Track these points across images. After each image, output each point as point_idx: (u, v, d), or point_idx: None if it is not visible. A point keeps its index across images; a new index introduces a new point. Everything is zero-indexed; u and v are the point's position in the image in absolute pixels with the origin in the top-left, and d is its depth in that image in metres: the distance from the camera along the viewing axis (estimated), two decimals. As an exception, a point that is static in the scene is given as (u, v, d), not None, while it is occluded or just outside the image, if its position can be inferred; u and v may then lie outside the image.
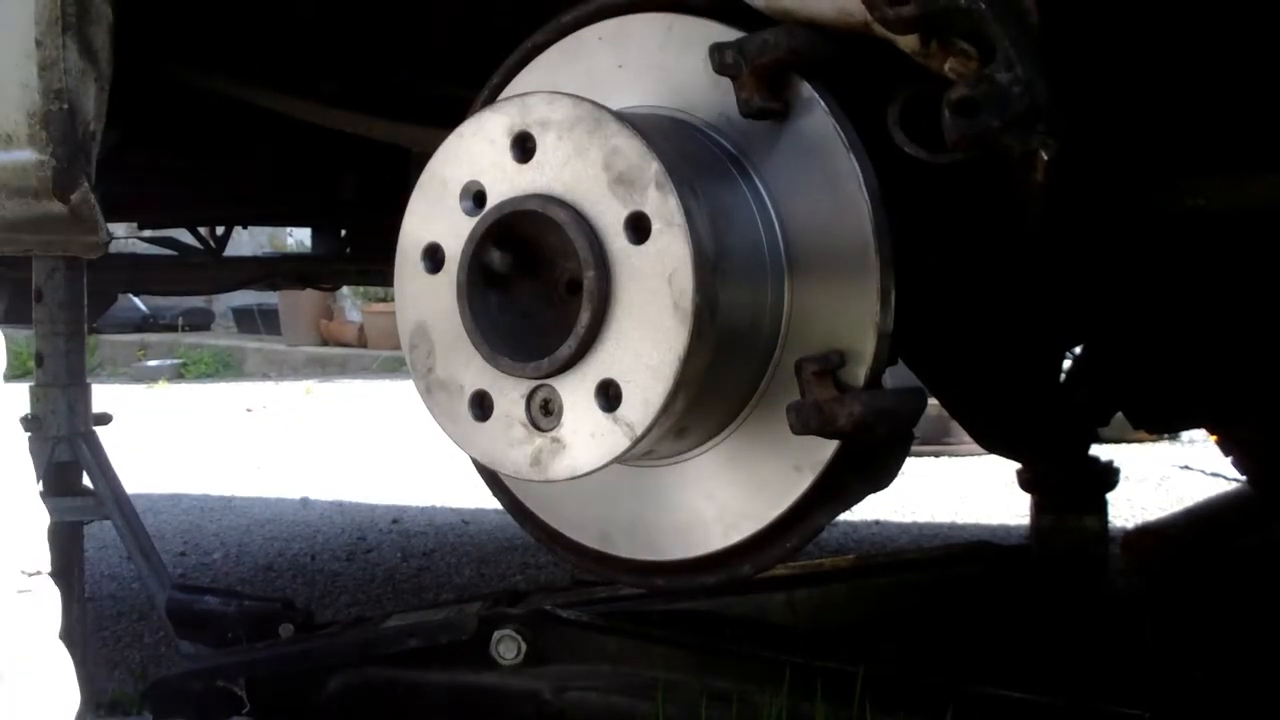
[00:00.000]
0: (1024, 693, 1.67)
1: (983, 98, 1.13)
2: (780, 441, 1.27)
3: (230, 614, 2.13)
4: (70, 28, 1.51)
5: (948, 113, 1.14)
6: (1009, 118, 1.13)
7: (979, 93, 1.13)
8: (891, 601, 1.94)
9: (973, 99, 1.13)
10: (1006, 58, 1.13)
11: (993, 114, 1.13)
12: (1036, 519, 2.02)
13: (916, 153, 1.22)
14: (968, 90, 1.13)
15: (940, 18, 1.15)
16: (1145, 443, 5.26)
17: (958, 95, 1.14)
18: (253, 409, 8.44)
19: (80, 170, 1.51)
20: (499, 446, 1.25)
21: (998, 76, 1.13)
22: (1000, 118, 1.13)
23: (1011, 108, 1.13)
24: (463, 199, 1.27)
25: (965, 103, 1.14)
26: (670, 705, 1.70)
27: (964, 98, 1.13)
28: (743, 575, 1.36)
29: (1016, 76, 1.13)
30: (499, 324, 1.26)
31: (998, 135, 1.14)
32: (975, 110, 1.13)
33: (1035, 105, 1.13)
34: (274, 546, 4.18)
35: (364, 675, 1.89)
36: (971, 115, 1.13)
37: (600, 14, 1.37)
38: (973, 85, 1.14)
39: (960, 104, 1.14)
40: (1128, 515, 3.80)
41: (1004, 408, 1.90)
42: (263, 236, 9.80)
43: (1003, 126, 1.13)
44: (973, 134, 1.14)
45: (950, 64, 1.18)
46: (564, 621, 1.82)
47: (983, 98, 1.13)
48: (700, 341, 1.16)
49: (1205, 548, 2.30)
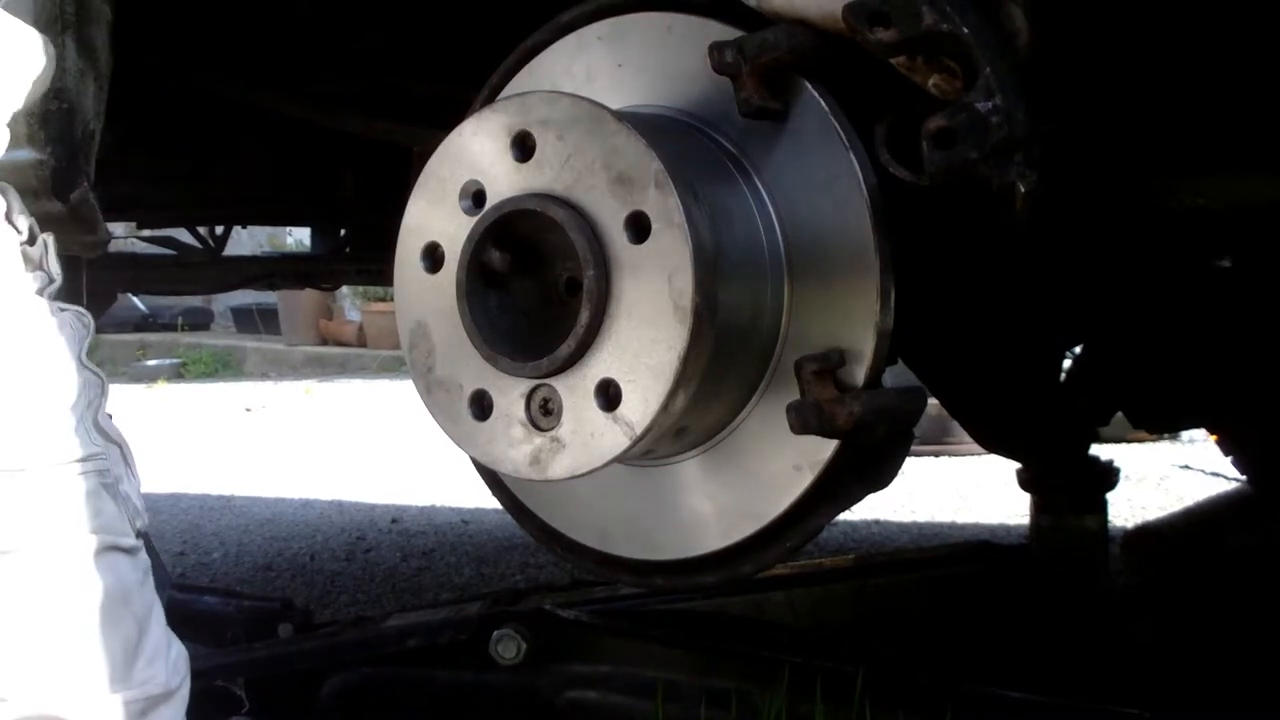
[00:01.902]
0: (1023, 692, 1.67)
1: (961, 128, 1.12)
2: (780, 441, 1.27)
3: (229, 613, 2.13)
4: (69, 27, 1.51)
5: (925, 144, 1.14)
6: (987, 149, 1.12)
7: (958, 123, 1.13)
8: (891, 601, 1.94)
9: (951, 129, 1.13)
10: (987, 85, 1.13)
11: (970, 145, 1.12)
12: (1036, 518, 2.02)
13: (902, 174, 1.21)
14: (946, 121, 1.13)
15: (922, 41, 1.15)
16: (1145, 442, 5.27)
17: (936, 126, 1.13)
18: (252, 409, 8.44)
19: (79, 169, 1.51)
20: (498, 446, 1.25)
21: (977, 105, 1.13)
22: (978, 149, 1.12)
23: (990, 139, 1.12)
24: (462, 198, 1.26)
25: (944, 134, 1.13)
26: (670, 705, 1.70)
27: (942, 128, 1.13)
28: (742, 575, 1.36)
29: (996, 106, 1.12)
30: (498, 323, 1.26)
31: (975, 166, 1.13)
32: (953, 141, 1.13)
33: (1013, 136, 1.12)
34: (273, 546, 4.18)
35: (363, 675, 1.89)
36: (949, 146, 1.13)
37: (600, 13, 1.37)
38: (952, 116, 1.13)
39: (939, 135, 1.13)
40: (1127, 515, 3.80)
41: (1004, 407, 1.90)
42: (262, 236, 9.79)
43: (980, 158, 1.13)
44: (950, 165, 1.13)
45: (935, 80, 1.18)
46: (563, 621, 1.82)
47: (961, 128, 1.12)
48: (700, 341, 1.16)
49: (1205, 547, 2.30)
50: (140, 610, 1.18)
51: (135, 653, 1.16)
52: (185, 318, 12.70)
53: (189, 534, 4.38)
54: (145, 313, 12.25)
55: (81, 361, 1.22)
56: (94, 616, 1.13)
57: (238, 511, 4.83)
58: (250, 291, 6.14)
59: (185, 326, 12.66)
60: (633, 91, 1.34)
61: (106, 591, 1.15)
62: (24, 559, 1.11)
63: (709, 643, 1.79)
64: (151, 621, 1.19)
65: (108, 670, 1.13)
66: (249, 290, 4.34)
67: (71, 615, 1.13)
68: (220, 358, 11.86)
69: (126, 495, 1.23)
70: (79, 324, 1.24)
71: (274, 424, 7.66)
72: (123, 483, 1.23)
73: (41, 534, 1.12)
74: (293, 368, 11.30)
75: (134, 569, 1.20)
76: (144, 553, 1.23)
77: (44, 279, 1.23)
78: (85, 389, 1.20)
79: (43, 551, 1.12)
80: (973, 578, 1.96)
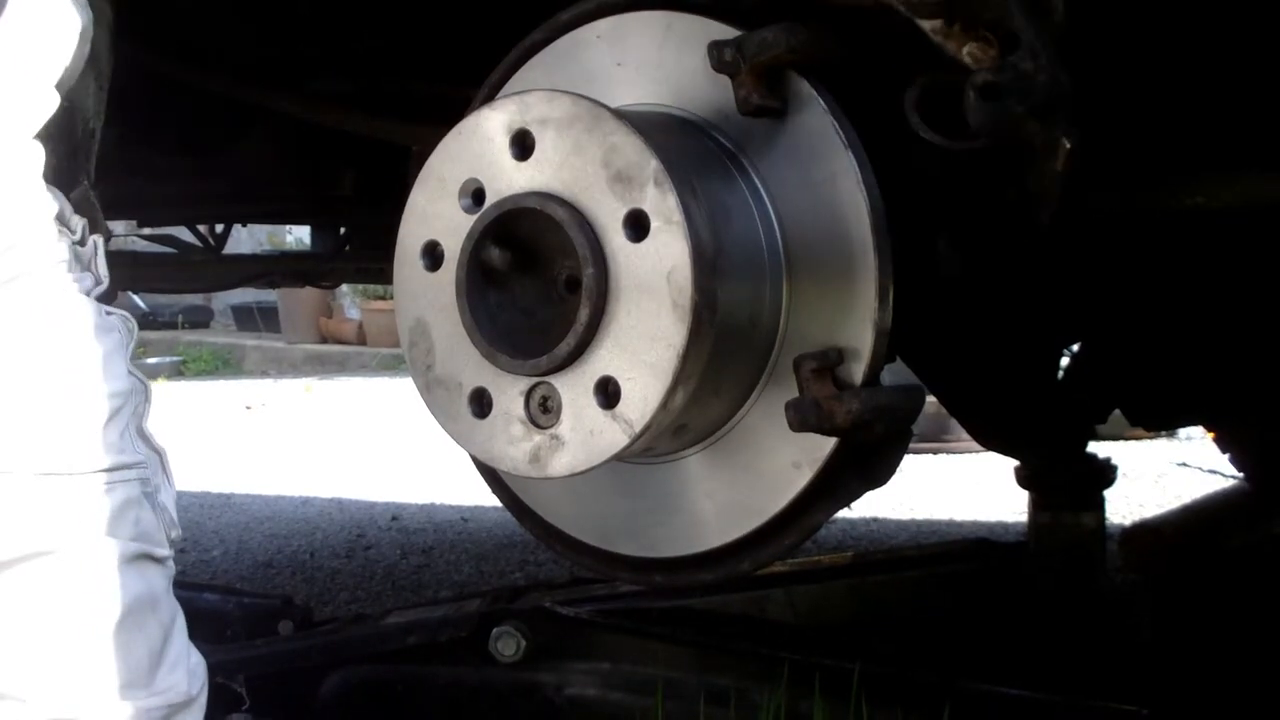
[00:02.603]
0: (1021, 690, 1.68)
1: (1007, 83, 1.13)
2: (779, 438, 1.27)
3: (229, 611, 2.13)
4: (70, 25, 1.50)
5: (972, 95, 1.13)
6: (1033, 104, 1.13)
7: (1003, 79, 1.13)
8: (889, 598, 1.94)
9: (997, 84, 1.13)
10: (1031, 48, 1.13)
11: (1016, 100, 1.13)
12: (1034, 516, 2.02)
13: (934, 139, 1.21)
14: (992, 75, 1.13)
15: (966, 4, 1.15)
16: (1143, 440, 5.27)
17: (982, 79, 1.13)
18: (252, 406, 8.44)
19: (79, 167, 1.51)
20: (498, 444, 1.25)
21: (1021, 65, 1.13)
22: (1024, 103, 1.13)
23: (1035, 95, 1.13)
24: (461, 196, 1.27)
25: (990, 87, 1.13)
26: (669, 702, 1.70)
27: (989, 82, 1.13)
28: (741, 572, 1.36)
29: (1040, 65, 1.13)
30: (498, 321, 1.26)
31: (1021, 121, 1.13)
32: (999, 94, 1.13)
33: (1059, 93, 1.13)
34: (273, 543, 4.18)
35: (363, 672, 1.90)
36: (996, 99, 1.13)
37: (599, 12, 1.37)
38: (998, 71, 1.14)
39: (985, 88, 1.13)
40: (1125, 512, 3.81)
41: (1002, 405, 1.91)
42: (262, 234, 9.80)
43: (1026, 112, 1.13)
44: (997, 118, 1.13)
45: (969, 48, 1.18)
46: (563, 618, 1.82)
47: (1007, 83, 1.13)
48: (699, 339, 1.16)
49: (1203, 545, 2.30)
50: (166, 619, 1.19)
51: (159, 660, 1.16)
52: (185, 315, 12.70)
53: (189, 531, 4.37)
54: (145, 310, 12.24)
55: (128, 367, 1.21)
56: (123, 623, 1.13)
57: (238, 509, 4.83)
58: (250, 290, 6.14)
59: (185, 324, 12.66)
60: (632, 90, 1.34)
61: (137, 598, 1.15)
62: (61, 561, 1.11)
63: (708, 640, 1.79)
64: (175, 630, 1.20)
65: (132, 676, 1.13)
66: (249, 288, 4.34)
67: (100, 620, 1.13)
68: (220, 356, 11.86)
69: (164, 505, 1.23)
70: (124, 329, 1.24)
71: (274, 422, 7.66)
72: (161, 492, 1.23)
73: (80, 538, 1.12)
74: (293, 366, 11.30)
75: (163, 577, 1.20)
76: (172, 562, 1.23)
77: (92, 280, 1.23)
78: (131, 395, 1.20)
79: (79, 555, 1.12)
80: (971, 575, 1.97)
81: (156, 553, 1.19)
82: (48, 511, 1.11)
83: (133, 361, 1.24)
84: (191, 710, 1.18)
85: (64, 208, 1.23)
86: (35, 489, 1.10)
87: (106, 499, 1.14)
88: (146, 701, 1.14)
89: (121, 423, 1.17)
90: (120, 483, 1.15)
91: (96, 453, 1.14)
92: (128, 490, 1.16)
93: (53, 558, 1.11)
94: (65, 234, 1.21)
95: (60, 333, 1.15)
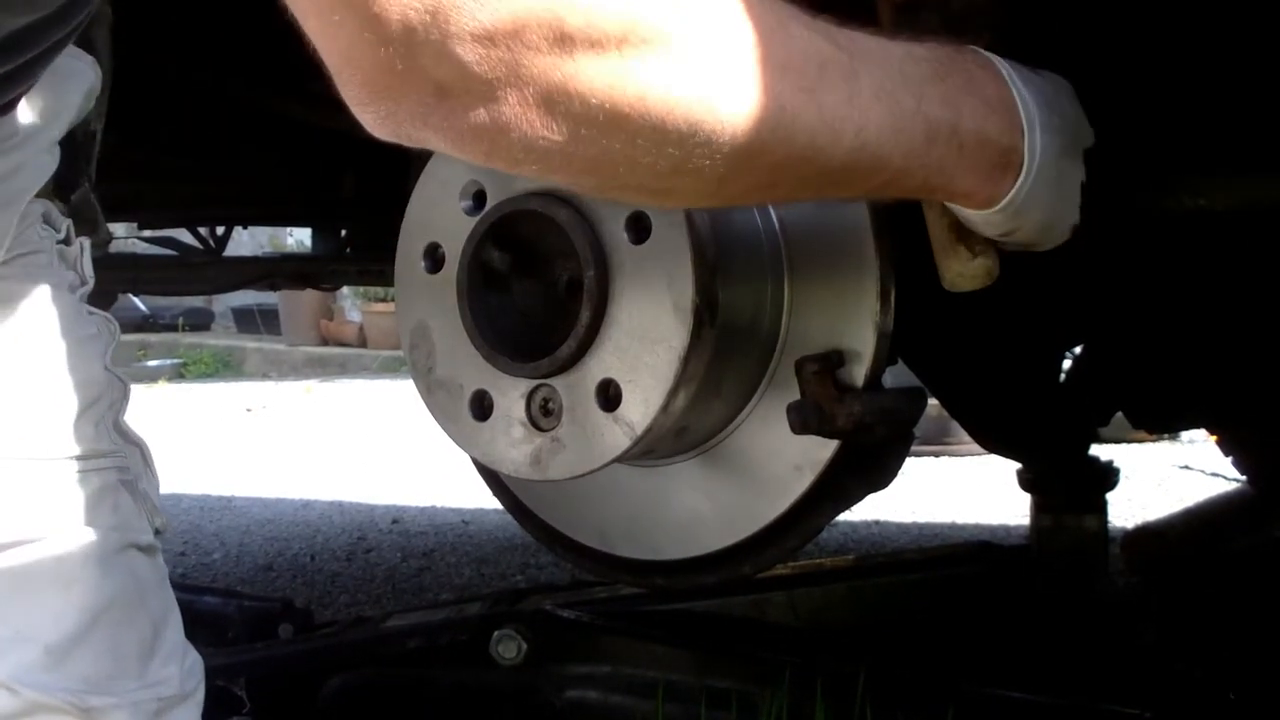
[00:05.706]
0: (1024, 693, 1.67)
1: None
2: (780, 441, 1.27)
3: (230, 614, 2.13)
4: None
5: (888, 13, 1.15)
6: (948, 15, 1.14)
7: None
8: (891, 601, 1.94)
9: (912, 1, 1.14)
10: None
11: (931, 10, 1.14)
12: (1036, 519, 2.01)
13: None
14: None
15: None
16: (1145, 442, 5.26)
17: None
18: (253, 409, 8.44)
19: (80, 170, 1.51)
20: (499, 446, 1.25)
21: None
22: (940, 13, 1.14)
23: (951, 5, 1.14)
24: (462, 198, 1.26)
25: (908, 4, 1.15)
26: (670, 705, 1.70)
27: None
28: (742, 575, 1.36)
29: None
30: (499, 323, 1.26)
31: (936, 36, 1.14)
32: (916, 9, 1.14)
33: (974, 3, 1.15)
34: (274, 546, 4.18)
35: (364, 675, 1.89)
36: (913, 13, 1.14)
37: (600, 13, 1.37)
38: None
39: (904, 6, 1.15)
40: (1128, 515, 3.80)
41: (1004, 407, 1.90)
42: (263, 236, 9.80)
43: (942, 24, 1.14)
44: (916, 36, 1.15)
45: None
46: (564, 621, 1.82)
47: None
48: (700, 341, 1.16)
49: (1205, 548, 2.29)
50: (156, 612, 1.18)
51: (150, 652, 1.15)
52: (186, 318, 12.71)
53: (189, 534, 4.37)
54: (146, 313, 12.25)
55: (106, 365, 1.22)
56: (109, 612, 1.13)
57: (238, 512, 4.83)
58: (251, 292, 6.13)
59: (186, 327, 12.67)
60: (633, 92, 1.33)
61: (122, 588, 1.14)
62: (43, 548, 1.11)
63: (709, 643, 1.79)
64: (168, 625, 1.19)
65: (121, 666, 1.13)
66: (250, 290, 4.33)
67: (86, 609, 1.12)
68: (221, 358, 11.87)
69: (145, 493, 1.22)
70: (105, 329, 1.25)
71: (274, 424, 7.66)
72: (141, 480, 1.22)
73: (60, 525, 1.12)
74: (293, 368, 11.31)
75: (151, 569, 1.19)
76: (161, 555, 1.22)
77: (76, 279, 1.24)
78: (109, 390, 1.20)
79: (62, 542, 1.11)
80: (973, 578, 1.96)
81: (140, 540, 1.18)
82: (24, 497, 1.11)
83: (133, 363, 1.24)
84: (186, 706, 1.17)
85: (49, 209, 1.23)
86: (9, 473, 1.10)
87: (81, 486, 1.13)
88: (136, 694, 1.13)
89: (96, 415, 1.17)
90: (95, 470, 1.15)
91: (68, 440, 1.14)
92: (104, 478, 1.15)
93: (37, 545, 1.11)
94: (50, 232, 1.21)
95: (37, 325, 1.15)
